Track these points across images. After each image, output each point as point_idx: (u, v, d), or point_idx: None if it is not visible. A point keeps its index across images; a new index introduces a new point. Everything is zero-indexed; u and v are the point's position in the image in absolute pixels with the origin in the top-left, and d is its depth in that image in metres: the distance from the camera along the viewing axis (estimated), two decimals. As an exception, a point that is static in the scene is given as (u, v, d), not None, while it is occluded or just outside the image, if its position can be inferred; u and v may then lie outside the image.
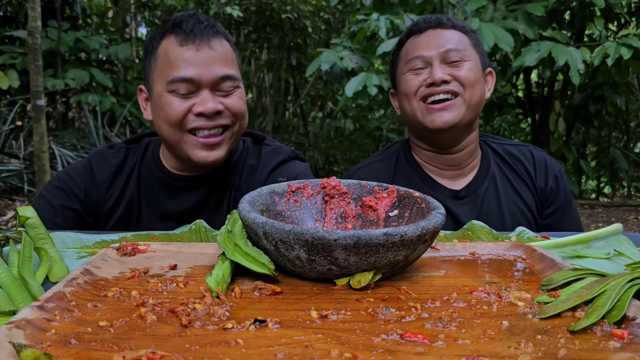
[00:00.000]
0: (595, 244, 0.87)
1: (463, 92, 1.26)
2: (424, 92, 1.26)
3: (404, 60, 1.32)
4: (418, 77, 1.28)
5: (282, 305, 0.57)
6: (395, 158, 1.41)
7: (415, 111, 1.29)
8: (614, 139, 7.35)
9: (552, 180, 1.36)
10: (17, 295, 0.60)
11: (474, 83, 1.26)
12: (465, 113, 1.26)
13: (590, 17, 3.90)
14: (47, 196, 1.22)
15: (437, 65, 1.26)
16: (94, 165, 1.25)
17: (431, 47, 1.27)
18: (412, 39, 1.32)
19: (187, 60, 1.11)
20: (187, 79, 1.10)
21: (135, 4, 7.35)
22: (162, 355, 0.43)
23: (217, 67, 1.12)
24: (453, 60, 1.26)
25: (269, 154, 1.31)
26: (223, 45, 1.16)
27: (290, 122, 8.10)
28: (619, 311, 0.52)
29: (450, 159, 1.33)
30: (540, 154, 1.40)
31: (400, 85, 1.33)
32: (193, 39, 1.12)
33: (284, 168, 1.28)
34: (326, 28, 7.09)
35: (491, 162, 1.37)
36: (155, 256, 0.73)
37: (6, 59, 5.38)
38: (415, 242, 0.62)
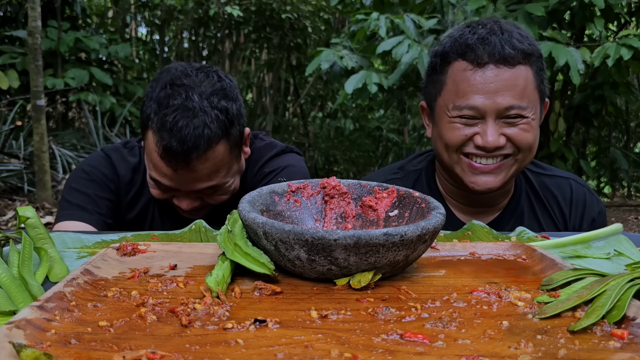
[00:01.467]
0: (595, 244, 0.87)
1: (517, 154, 1.09)
2: (470, 151, 1.09)
3: (450, 95, 1.09)
4: (466, 130, 1.08)
5: (282, 305, 0.57)
6: (414, 178, 1.26)
7: (454, 164, 1.12)
8: (614, 139, 7.35)
9: (587, 225, 1.21)
10: (17, 295, 0.60)
11: (532, 145, 1.09)
12: (513, 174, 1.12)
13: (590, 17, 3.89)
14: (81, 189, 1.19)
15: (491, 124, 1.05)
16: (114, 160, 1.24)
17: (489, 96, 1.04)
18: (465, 69, 1.07)
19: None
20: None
21: (135, 4, 7.34)
22: (162, 355, 0.43)
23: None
24: (514, 116, 1.06)
25: (262, 148, 1.30)
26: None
27: (290, 122, 8.10)
28: (619, 311, 0.52)
29: (478, 199, 1.19)
30: (580, 191, 1.23)
31: (441, 127, 1.12)
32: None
33: (274, 160, 1.27)
34: (326, 28, 7.09)
35: (522, 198, 1.22)
36: (155, 256, 0.73)
37: (6, 59, 5.38)
38: (415, 242, 0.62)
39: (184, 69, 1.11)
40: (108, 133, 5.72)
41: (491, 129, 1.06)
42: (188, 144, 1.04)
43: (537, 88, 1.09)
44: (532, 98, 1.07)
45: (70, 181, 1.24)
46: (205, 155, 1.07)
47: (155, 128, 1.06)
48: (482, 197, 1.17)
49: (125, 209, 1.24)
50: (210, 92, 1.08)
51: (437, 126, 1.15)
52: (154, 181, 1.11)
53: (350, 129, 7.57)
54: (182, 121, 1.04)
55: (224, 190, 1.16)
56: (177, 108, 1.05)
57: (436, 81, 1.14)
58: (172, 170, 1.07)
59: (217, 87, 1.10)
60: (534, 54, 1.07)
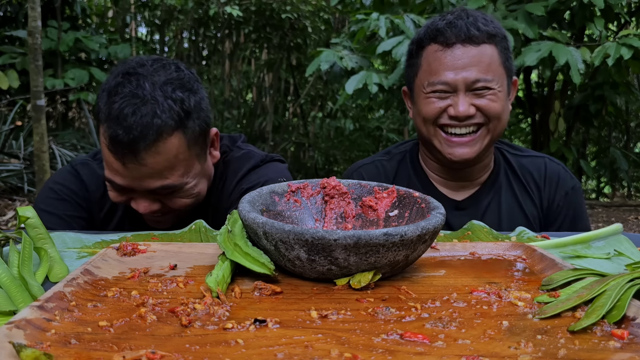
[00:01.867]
0: (595, 244, 0.87)
1: (487, 123, 1.20)
2: (445, 122, 1.21)
3: (425, 74, 1.22)
4: (440, 102, 1.20)
5: (282, 305, 0.57)
6: (399, 159, 1.38)
7: (431, 137, 1.24)
8: (614, 139, 7.35)
9: (561, 197, 1.30)
10: (17, 295, 0.60)
11: (500, 114, 1.20)
12: (487, 144, 1.23)
13: (590, 17, 3.89)
14: (51, 210, 1.13)
15: (462, 96, 1.18)
16: (83, 175, 1.18)
17: (458, 71, 1.17)
18: (436, 50, 1.20)
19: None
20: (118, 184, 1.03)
21: (135, 4, 7.34)
22: (162, 355, 0.43)
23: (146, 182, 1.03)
24: (481, 88, 1.18)
25: (238, 159, 1.20)
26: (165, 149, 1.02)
27: (290, 122, 8.10)
28: (619, 311, 0.52)
29: (460, 173, 1.30)
30: (555, 168, 1.33)
31: (419, 103, 1.25)
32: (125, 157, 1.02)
33: (252, 174, 1.18)
34: (326, 28, 7.09)
35: (500, 175, 1.32)
36: (155, 256, 0.73)
37: (6, 59, 5.38)
38: (415, 242, 0.62)
39: (140, 60, 1.05)
40: (108, 133, 5.70)
41: (462, 100, 1.18)
42: (134, 132, 0.96)
43: (502, 65, 1.21)
44: (498, 73, 1.20)
45: (39, 202, 1.18)
46: (155, 147, 0.98)
47: (103, 118, 1.00)
48: (461, 171, 1.29)
49: (100, 225, 1.18)
50: (164, 81, 1.01)
51: (416, 104, 1.28)
52: (108, 181, 1.04)
53: (350, 129, 7.57)
54: (128, 108, 0.97)
55: (184, 193, 1.06)
56: (125, 96, 0.98)
57: (413, 65, 1.28)
58: (121, 165, 0.99)
59: (173, 77, 1.03)
60: (497, 35, 1.21)
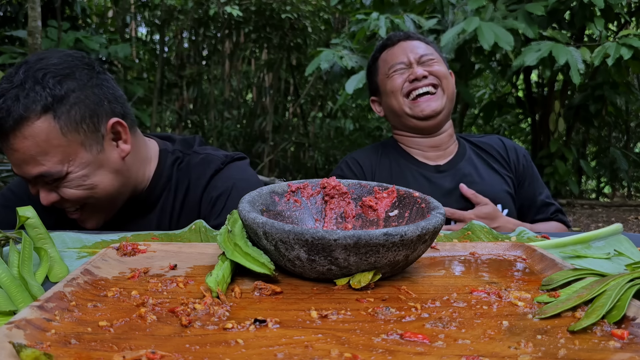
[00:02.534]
0: (595, 244, 0.87)
1: (440, 84, 1.52)
2: (409, 88, 1.51)
3: (384, 67, 1.56)
4: (402, 76, 1.53)
5: (282, 305, 0.57)
6: (382, 145, 1.67)
7: (402, 106, 1.53)
8: (614, 139, 7.35)
9: (522, 159, 1.62)
10: (17, 295, 0.60)
11: (446, 75, 1.54)
12: (446, 102, 1.53)
13: (590, 17, 3.90)
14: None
15: (416, 66, 1.52)
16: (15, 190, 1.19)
17: (407, 53, 1.54)
18: (387, 51, 1.58)
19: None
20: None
21: (135, 4, 7.35)
22: (162, 355, 0.43)
23: (27, 167, 1.01)
24: (427, 60, 1.53)
25: (199, 165, 1.17)
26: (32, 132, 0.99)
27: (290, 122, 8.10)
28: (619, 311, 0.52)
29: (432, 141, 1.57)
30: (508, 141, 1.67)
31: (386, 86, 1.56)
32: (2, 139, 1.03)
33: (217, 179, 1.16)
34: (326, 28, 7.09)
35: (467, 149, 1.61)
36: (155, 256, 0.73)
37: (6, 59, 5.38)
38: (415, 242, 0.62)
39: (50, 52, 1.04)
40: (108, 133, 5.71)
41: (416, 67, 1.52)
42: (0, 115, 0.97)
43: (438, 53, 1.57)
44: (436, 55, 1.56)
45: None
46: (20, 131, 0.96)
47: None
48: (434, 138, 1.57)
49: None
50: (41, 67, 0.99)
51: (384, 92, 1.58)
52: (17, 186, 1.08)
53: (350, 129, 7.58)
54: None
55: (71, 183, 1.02)
56: (1, 82, 0.99)
57: (373, 71, 1.63)
58: (10, 152, 1.00)
59: (55, 64, 1.00)
60: (428, 39, 1.62)
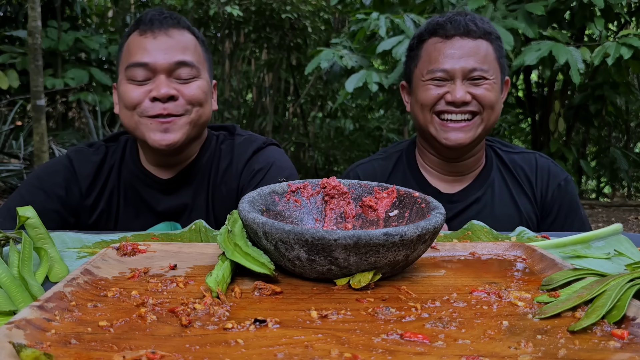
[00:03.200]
0: (595, 244, 0.87)
1: (482, 112, 1.25)
2: (441, 108, 1.25)
3: (424, 64, 1.28)
4: (438, 90, 1.25)
5: (282, 305, 0.57)
6: (396, 158, 1.42)
7: (428, 123, 1.28)
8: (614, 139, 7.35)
9: (553, 189, 1.34)
10: (17, 295, 0.60)
11: (494, 104, 1.26)
12: (481, 133, 1.27)
13: (590, 17, 3.90)
14: (26, 197, 1.20)
15: (459, 84, 1.23)
16: (75, 162, 1.25)
17: (456, 60, 1.23)
18: (436, 42, 1.27)
19: (144, 47, 1.15)
20: (142, 63, 1.13)
21: (135, 4, 7.34)
22: (162, 355, 0.43)
23: (173, 53, 1.15)
24: (477, 78, 1.24)
25: (242, 144, 1.30)
26: (184, 35, 1.19)
27: (290, 122, 8.10)
28: (619, 311, 0.52)
29: (454, 166, 1.34)
30: (544, 162, 1.38)
31: (417, 91, 1.30)
32: (151, 28, 1.16)
33: (259, 155, 1.28)
34: (326, 28, 7.09)
35: (493, 170, 1.37)
36: (155, 256, 0.73)
37: (6, 59, 5.38)
38: (415, 242, 0.62)
39: None
40: (108, 133, 5.73)
41: (459, 87, 1.24)
42: (165, 14, 1.19)
43: (497, 60, 1.28)
44: (493, 66, 1.26)
45: (22, 185, 1.25)
46: (178, 29, 1.18)
47: (135, 24, 1.20)
48: (456, 164, 1.34)
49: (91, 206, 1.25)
50: (182, 17, 1.24)
51: (414, 94, 1.32)
52: (134, 66, 1.14)
53: (350, 129, 7.57)
54: (156, 10, 1.21)
55: (197, 84, 1.17)
56: (149, 10, 1.21)
57: (413, 57, 1.33)
58: (152, 39, 1.14)
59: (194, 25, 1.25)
60: (492, 34, 1.28)
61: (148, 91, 1.13)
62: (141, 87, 1.14)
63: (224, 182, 1.26)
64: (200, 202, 1.25)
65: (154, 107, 1.13)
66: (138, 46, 1.15)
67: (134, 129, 1.17)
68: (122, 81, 1.17)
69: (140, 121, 1.15)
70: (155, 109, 1.13)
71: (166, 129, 1.14)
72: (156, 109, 1.13)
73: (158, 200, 1.24)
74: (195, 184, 1.26)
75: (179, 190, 1.25)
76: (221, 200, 1.25)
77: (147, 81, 1.14)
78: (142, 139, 1.17)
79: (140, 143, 1.24)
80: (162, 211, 1.24)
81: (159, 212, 1.24)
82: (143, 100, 1.14)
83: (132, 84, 1.15)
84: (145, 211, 1.25)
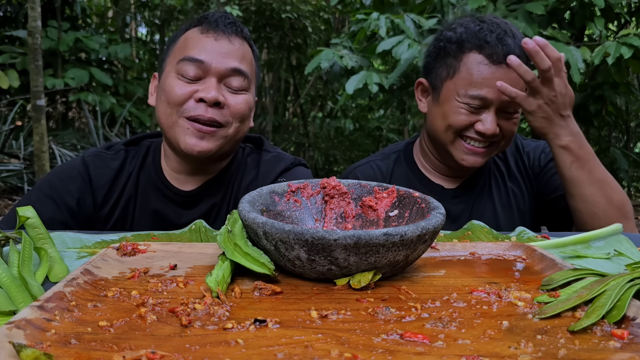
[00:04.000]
0: (595, 244, 0.87)
1: (501, 141, 1.26)
2: (468, 134, 1.24)
3: (463, 82, 1.21)
4: (470, 116, 1.21)
5: (282, 305, 0.57)
6: (394, 158, 1.43)
7: (448, 142, 1.26)
8: (614, 139, 7.34)
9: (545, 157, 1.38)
10: (17, 295, 0.60)
11: (513, 134, 1.28)
12: (493, 155, 1.30)
13: (591, 16, 3.89)
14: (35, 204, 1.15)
15: (492, 115, 1.20)
16: (92, 168, 1.21)
17: (499, 92, 1.17)
18: (481, 62, 1.20)
19: (203, 45, 1.12)
20: (198, 59, 1.10)
21: (135, 4, 7.35)
22: (162, 355, 0.43)
23: (230, 59, 1.12)
24: (510, 112, 1.23)
25: (270, 161, 1.27)
26: (244, 45, 1.16)
27: (290, 122, 8.10)
28: (619, 311, 0.52)
29: (459, 171, 1.36)
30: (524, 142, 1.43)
31: (446, 107, 1.24)
32: (215, 29, 1.14)
33: (286, 176, 1.25)
34: (326, 28, 7.08)
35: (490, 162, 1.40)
36: (155, 256, 0.73)
37: (6, 59, 5.38)
38: (415, 242, 0.62)
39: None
40: (108, 133, 5.73)
41: (492, 119, 1.21)
42: (230, 19, 1.17)
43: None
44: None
45: (34, 189, 1.21)
46: (239, 38, 1.15)
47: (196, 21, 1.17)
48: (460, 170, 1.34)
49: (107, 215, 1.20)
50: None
51: (441, 106, 1.27)
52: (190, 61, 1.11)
53: (350, 129, 7.57)
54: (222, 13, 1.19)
55: (244, 97, 1.14)
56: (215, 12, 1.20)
57: (449, 65, 1.25)
58: (213, 40, 1.12)
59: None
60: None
61: (195, 91, 1.10)
62: (189, 85, 1.11)
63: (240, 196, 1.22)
64: (221, 216, 1.22)
65: (197, 108, 1.09)
66: (197, 42, 1.12)
67: (169, 128, 1.13)
68: (169, 74, 1.13)
69: (178, 122, 1.11)
70: (198, 110, 1.09)
71: (203, 136, 1.10)
72: (199, 110, 1.09)
73: (177, 214, 1.20)
74: (219, 197, 1.22)
75: (199, 204, 1.21)
76: None
77: (197, 81, 1.11)
78: (174, 140, 1.13)
79: (168, 144, 1.19)
80: (181, 225, 1.18)
81: (178, 225, 1.18)
82: (188, 99, 1.10)
83: (180, 80, 1.11)
84: (162, 224, 1.20)
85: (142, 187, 1.22)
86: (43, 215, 1.14)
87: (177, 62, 1.12)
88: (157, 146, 1.26)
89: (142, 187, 1.22)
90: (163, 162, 1.23)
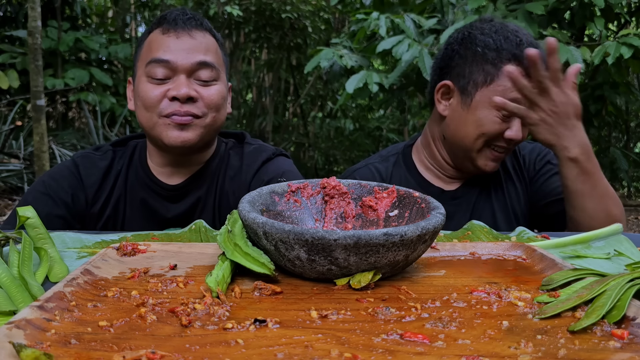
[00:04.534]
0: (595, 244, 0.87)
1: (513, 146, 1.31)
2: (499, 143, 1.25)
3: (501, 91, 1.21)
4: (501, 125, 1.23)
5: (282, 305, 0.57)
6: (393, 161, 1.42)
7: (475, 148, 1.26)
8: (614, 139, 7.34)
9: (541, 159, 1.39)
10: (17, 295, 0.60)
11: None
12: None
13: (591, 16, 3.89)
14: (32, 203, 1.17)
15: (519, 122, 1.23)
16: (81, 168, 1.25)
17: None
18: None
19: (166, 45, 1.15)
20: (163, 60, 1.13)
21: (135, 4, 7.35)
22: (162, 355, 0.43)
23: (194, 54, 1.15)
24: None
25: (252, 153, 1.30)
26: (206, 37, 1.19)
27: (290, 122, 8.10)
28: (619, 311, 0.52)
29: (464, 172, 1.36)
30: (525, 145, 1.44)
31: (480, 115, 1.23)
32: (175, 27, 1.16)
33: (269, 166, 1.28)
34: (326, 28, 7.09)
35: None
36: (155, 256, 0.73)
37: (6, 59, 5.38)
38: (415, 242, 0.62)
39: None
40: (108, 133, 5.73)
41: (520, 126, 1.24)
42: (188, 15, 1.19)
43: None
44: None
45: (28, 193, 1.25)
46: (201, 30, 1.18)
47: (156, 22, 1.20)
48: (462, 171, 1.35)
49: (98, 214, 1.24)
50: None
51: (473, 113, 1.25)
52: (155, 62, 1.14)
53: (350, 129, 7.57)
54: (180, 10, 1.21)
55: (216, 88, 1.18)
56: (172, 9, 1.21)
57: (487, 72, 1.23)
58: (175, 38, 1.15)
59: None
60: None
61: (167, 90, 1.14)
62: (160, 86, 1.14)
63: (232, 190, 1.26)
64: (208, 208, 1.25)
65: (172, 105, 1.13)
66: (160, 44, 1.15)
67: (150, 129, 1.17)
68: (140, 78, 1.17)
69: (158, 122, 1.15)
70: (173, 107, 1.13)
71: (183, 127, 1.14)
72: (174, 107, 1.13)
73: (166, 208, 1.24)
74: (204, 189, 1.26)
75: (186, 197, 1.25)
76: (228, 207, 1.25)
77: (167, 80, 1.14)
78: (158, 139, 1.17)
79: (153, 144, 1.23)
80: (170, 218, 1.24)
81: (167, 219, 1.24)
82: (162, 99, 1.14)
83: (151, 83, 1.15)
84: (152, 218, 1.25)
85: (131, 184, 1.26)
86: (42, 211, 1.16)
87: (145, 65, 1.15)
88: (143, 145, 1.30)
89: (130, 184, 1.26)
90: (149, 160, 1.27)
